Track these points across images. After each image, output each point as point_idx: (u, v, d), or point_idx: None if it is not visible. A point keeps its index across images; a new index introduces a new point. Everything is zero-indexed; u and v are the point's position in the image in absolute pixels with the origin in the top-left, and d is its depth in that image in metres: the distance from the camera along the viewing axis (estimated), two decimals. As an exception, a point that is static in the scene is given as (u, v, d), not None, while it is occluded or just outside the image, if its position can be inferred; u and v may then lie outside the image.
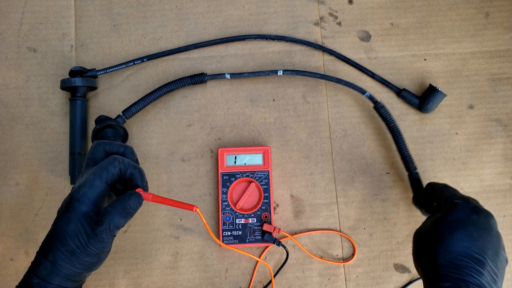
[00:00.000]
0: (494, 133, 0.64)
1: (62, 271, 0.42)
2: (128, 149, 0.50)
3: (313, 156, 0.63)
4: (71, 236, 0.43)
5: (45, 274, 0.42)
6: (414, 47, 0.66)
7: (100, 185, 0.45)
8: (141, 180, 0.48)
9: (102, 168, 0.45)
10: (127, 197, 0.45)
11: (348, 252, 0.61)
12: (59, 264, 0.42)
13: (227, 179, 0.60)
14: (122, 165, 0.46)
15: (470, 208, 0.46)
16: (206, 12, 0.66)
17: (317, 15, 0.66)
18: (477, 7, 0.67)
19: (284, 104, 0.64)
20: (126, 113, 0.60)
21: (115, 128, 0.58)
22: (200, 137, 0.63)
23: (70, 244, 0.42)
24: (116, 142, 0.50)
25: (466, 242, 0.43)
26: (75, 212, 0.43)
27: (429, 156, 0.63)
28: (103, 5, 0.66)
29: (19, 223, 0.61)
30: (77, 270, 0.43)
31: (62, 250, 0.42)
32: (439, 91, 0.61)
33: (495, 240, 0.44)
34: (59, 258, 0.42)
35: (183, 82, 0.62)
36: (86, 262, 0.43)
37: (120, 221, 0.44)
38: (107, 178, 0.45)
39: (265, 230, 0.58)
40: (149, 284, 0.60)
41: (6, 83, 0.64)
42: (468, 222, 0.44)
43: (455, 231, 0.44)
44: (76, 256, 0.42)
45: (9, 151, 0.63)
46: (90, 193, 0.44)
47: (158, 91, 0.62)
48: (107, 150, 0.49)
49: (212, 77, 0.63)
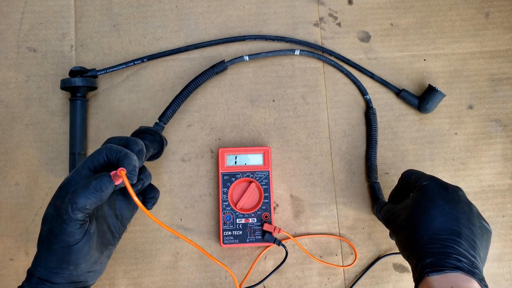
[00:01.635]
0: (494, 133, 0.64)
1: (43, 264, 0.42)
2: (130, 140, 0.47)
3: (313, 156, 0.63)
4: (44, 222, 0.43)
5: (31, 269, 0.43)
6: (413, 48, 0.66)
7: (83, 172, 0.43)
8: (127, 163, 0.42)
9: (89, 156, 0.44)
10: (94, 177, 0.42)
11: (347, 252, 0.61)
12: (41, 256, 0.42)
13: (227, 179, 0.60)
14: (108, 152, 0.43)
15: (438, 185, 0.48)
16: (206, 12, 0.67)
17: (317, 16, 0.66)
18: (477, 7, 0.67)
19: (284, 104, 0.64)
20: (162, 118, 0.60)
21: (151, 134, 0.57)
22: (200, 137, 0.64)
23: (43, 231, 0.42)
24: (124, 136, 0.48)
25: (440, 217, 0.44)
26: (55, 198, 0.43)
27: (429, 156, 0.63)
28: (103, 5, 0.66)
29: (19, 223, 0.61)
30: (55, 264, 0.42)
31: (40, 240, 0.43)
32: (439, 91, 0.61)
33: (467, 209, 0.46)
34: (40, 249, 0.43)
35: (207, 75, 0.62)
36: (60, 252, 0.41)
37: (81, 201, 0.40)
38: (91, 164, 0.43)
39: (265, 230, 0.59)
40: (149, 284, 0.60)
41: (6, 83, 0.64)
42: (438, 198, 0.46)
43: (428, 209, 0.45)
44: (50, 244, 0.41)
45: (9, 151, 0.63)
46: (73, 179, 0.43)
47: (187, 90, 0.61)
48: (113, 142, 0.47)
49: (232, 62, 0.63)
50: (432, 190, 0.47)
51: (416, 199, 0.48)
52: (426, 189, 0.48)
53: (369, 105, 0.64)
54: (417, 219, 0.46)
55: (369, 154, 0.62)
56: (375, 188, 0.61)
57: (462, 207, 0.46)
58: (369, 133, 0.63)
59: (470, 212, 0.46)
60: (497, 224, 0.62)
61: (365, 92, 0.64)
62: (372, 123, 0.63)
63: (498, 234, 0.62)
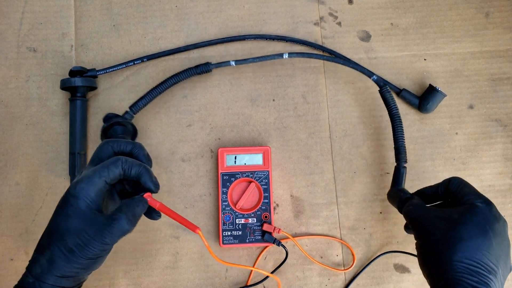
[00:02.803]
0: (494, 133, 0.64)
1: (58, 269, 0.40)
2: (136, 146, 0.47)
3: (313, 156, 0.63)
4: (71, 233, 0.41)
5: (40, 272, 0.40)
6: (414, 47, 0.66)
7: (98, 182, 0.43)
8: (149, 179, 0.45)
9: (104, 166, 0.44)
10: (136, 203, 0.44)
11: (348, 252, 0.61)
12: (55, 262, 0.40)
13: (227, 179, 0.60)
14: (125, 165, 0.44)
15: (492, 213, 0.45)
16: (206, 12, 0.67)
17: (317, 15, 0.66)
18: (477, 7, 0.67)
19: (284, 104, 0.64)
20: (133, 108, 0.60)
21: (124, 125, 0.58)
22: (200, 137, 0.63)
23: (68, 242, 0.41)
24: (124, 140, 0.48)
25: (484, 250, 0.42)
26: (73, 208, 0.41)
27: (429, 156, 0.63)
28: (103, 5, 0.66)
29: (19, 223, 0.61)
30: (74, 270, 0.41)
31: (60, 247, 0.40)
32: (439, 91, 0.61)
33: (507, 249, 0.44)
34: (55, 255, 0.40)
35: (188, 73, 0.62)
36: (83, 263, 0.41)
37: (128, 228, 0.43)
38: (107, 177, 0.43)
39: (265, 230, 0.58)
40: (149, 284, 0.60)
41: (6, 83, 0.64)
42: (489, 229, 0.43)
43: (475, 236, 0.43)
44: (74, 254, 0.41)
45: (9, 151, 0.63)
46: (88, 189, 0.42)
47: (164, 84, 0.61)
48: (115, 148, 0.47)
49: (217, 66, 0.62)
50: (485, 217, 0.44)
51: (464, 218, 0.44)
52: (478, 212, 0.44)
53: (380, 84, 0.59)
54: (460, 241, 0.43)
55: (397, 135, 0.58)
56: (401, 174, 0.57)
57: (506, 245, 0.44)
58: (391, 113, 0.58)
59: (508, 252, 0.44)
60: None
61: (371, 74, 0.60)
62: (389, 101, 0.58)
63: (499, 234, 0.62)
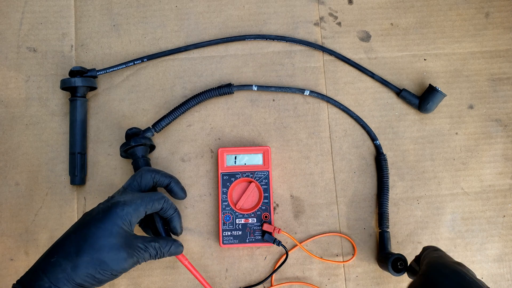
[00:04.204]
0: (494, 133, 0.64)
1: (79, 277, 0.42)
2: (174, 180, 0.55)
3: (313, 156, 0.63)
4: (109, 249, 0.44)
5: (61, 277, 0.41)
6: (414, 47, 0.66)
7: (142, 213, 0.49)
8: (179, 225, 0.54)
9: (151, 199, 0.50)
10: (176, 246, 0.51)
11: (348, 252, 0.61)
12: (80, 270, 0.42)
13: (227, 179, 0.60)
14: (166, 204, 0.51)
15: (436, 272, 0.43)
16: (206, 12, 0.66)
17: (317, 15, 0.66)
18: (477, 7, 0.67)
19: (284, 104, 0.64)
20: (156, 127, 0.61)
21: (145, 145, 0.59)
22: (200, 137, 0.63)
23: (103, 256, 0.43)
24: (163, 172, 0.54)
25: None
26: (117, 228, 0.45)
27: (429, 156, 0.63)
28: (103, 5, 0.66)
29: (19, 223, 0.61)
30: (94, 281, 0.43)
31: (92, 258, 0.42)
32: (439, 91, 0.61)
33: None
34: (83, 264, 0.42)
35: (211, 94, 0.62)
36: (106, 277, 0.44)
37: (151, 259, 0.49)
38: (149, 209, 0.49)
39: (265, 230, 0.58)
40: (149, 284, 0.60)
41: (6, 83, 0.64)
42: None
43: None
44: (104, 268, 0.43)
45: (9, 151, 0.63)
46: (132, 215, 0.47)
47: (187, 104, 0.62)
48: (155, 179, 0.53)
49: (239, 88, 0.63)
50: (431, 278, 0.43)
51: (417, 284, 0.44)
52: (424, 276, 0.44)
53: (380, 151, 0.62)
54: None
55: (382, 201, 0.60)
56: (384, 238, 0.59)
57: None
58: (381, 180, 0.61)
59: None
60: (498, 224, 0.62)
61: (375, 137, 0.63)
62: (383, 169, 0.61)
63: (498, 234, 0.62)
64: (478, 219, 0.62)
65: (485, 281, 0.60)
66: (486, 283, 0.60)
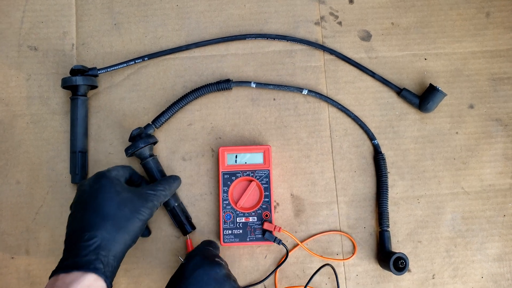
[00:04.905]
0: (495, 133, 0.64)
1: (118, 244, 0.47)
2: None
3: (314, 155, 0.63)
4: (123, 206, 0.49)
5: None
6: (414, 47, 0.66)
7: (128, 169, 0.58)
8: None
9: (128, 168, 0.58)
10: (175, 179, 0.58)
11: (348, 251, 0.61)
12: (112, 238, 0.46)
13: (227, 178, 0.60)
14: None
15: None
16: (207, 11, 0.67)
17: (318, 15, 0.66)
18: (477, 7, 0.67)
19: (285, 103, 0.64)
20: (155, 123, 0.61)
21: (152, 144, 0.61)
22: (201, 136, 0.64)
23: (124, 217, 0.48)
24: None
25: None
26: (118, 187, 0.51)
27: (430, 155, 0.63)
28: (104, 4, 0.66)
29: (20, 221, 0.61)
30: (127, 241, 0.48)
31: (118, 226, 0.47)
32: (440, 91, 0.61)
33: None
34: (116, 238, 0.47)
35: (209, 89, 0.62)
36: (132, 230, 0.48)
37: (165, 199, 0.55)
38: (131, 170, 0.58)
39: (266, 229, 0.58)
40: (150, 283, 0.60)
41: (7, 82, 0.64)
42: None
43: None
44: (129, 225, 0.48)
45: (10, 149, 0.63)
46: (119, 171, 0.56)
47: (186, 99, 0.62)
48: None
49: (237, 84, 0.63)
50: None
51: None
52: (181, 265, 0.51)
53: (378, 150, 0.62)
54: None
55: (381, 200, 0.60)
56: (385, 237, 0.59)
57: None
58: (380, 179, 0.61)
59: None
60: (498, 223, 0.62)
61: (373, 137, 0.63)
62: (382, 168, 0.61)
63: (499, 234, 0.62)
64: (478, 219, 0.62)
65: (485, 280, 0.61)
66: (486, 282, 0.60)
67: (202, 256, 0.50)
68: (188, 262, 0.49)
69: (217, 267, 0.48)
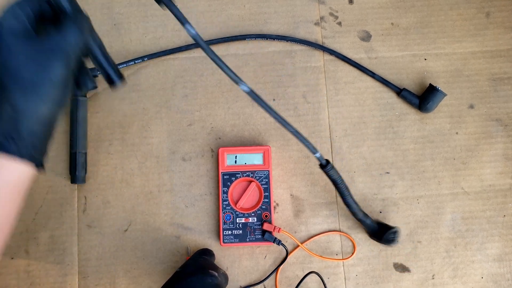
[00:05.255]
0: (495, 133, 0.64)
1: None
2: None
3: (313, 156, 0.63)
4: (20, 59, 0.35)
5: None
6: (414, 47, 0.66)
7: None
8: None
9: None
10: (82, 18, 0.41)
11: (347, 251, 0.61)
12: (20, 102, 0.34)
13: (227, 178, 0.60)
14: None
15: None
16: (207, 11, 0.67)
17: (318, 15, 0.66)
18: (478, 7, 0.67)
19: (285, 103, 0.64)
20: None
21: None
22: (200, 136, 0.64)
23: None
24: None
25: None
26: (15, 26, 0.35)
27: (429, 155, 0.63)
28: (103, 4, 0.66)
29: (19, 222, 0.61)
30: (42, 109, 0.36)
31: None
32: (439, 91, 0.61)
33: None
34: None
35: None
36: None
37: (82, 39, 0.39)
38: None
39: (265, 229, 0.59)
40: (150, 283, 0.60)
41: (6, 82, 0.64)
42: None
43: None
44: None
45: (10, 150, 0.63)
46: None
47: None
48: None
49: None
50: None
51: None
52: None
53: (321, 163, 0.54)
54: None
55: (348, 202, 0.57)
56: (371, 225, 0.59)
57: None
58: (337, 188, 0.56)
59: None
60: (498, 224, 0.62)
61: (314, 150, 0.52)
62: (333, 179, 0.55)
63: (499, 234, 0.62)
64: (478, 219, 0.62)
65: (485, 280, 0.61)
66: (486, 282, 0.60)
67: (196, 266, 0.51)
68: (182, 271, 0.50)
69: (209, 277, 0.49)
